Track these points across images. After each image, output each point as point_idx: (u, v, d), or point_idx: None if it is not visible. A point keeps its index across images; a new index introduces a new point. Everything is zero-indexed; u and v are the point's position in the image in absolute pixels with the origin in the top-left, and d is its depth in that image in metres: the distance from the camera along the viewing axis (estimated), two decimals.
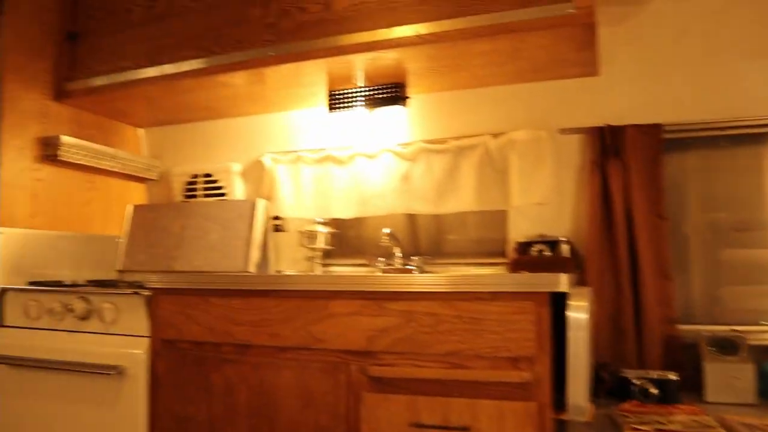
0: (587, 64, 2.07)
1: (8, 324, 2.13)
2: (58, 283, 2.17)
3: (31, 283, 2.18)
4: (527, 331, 1.44)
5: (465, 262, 2.30)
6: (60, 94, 2.43)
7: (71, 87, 2.43)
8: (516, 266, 2.07)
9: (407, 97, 2.28)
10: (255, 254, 2.38)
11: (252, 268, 2.35)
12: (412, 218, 2.43)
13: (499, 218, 2.29)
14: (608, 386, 1.79)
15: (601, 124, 2.09)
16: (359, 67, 2.12)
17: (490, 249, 2.30)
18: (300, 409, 1.64)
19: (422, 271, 2.27)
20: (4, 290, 2.13)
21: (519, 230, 2.21)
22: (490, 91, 2.30)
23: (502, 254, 2.25)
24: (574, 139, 2.18)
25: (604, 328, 1.95)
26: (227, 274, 1.79)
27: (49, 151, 2.35)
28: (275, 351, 1.70)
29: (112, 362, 1.88)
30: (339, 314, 1.62)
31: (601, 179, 2.04)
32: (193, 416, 1.78)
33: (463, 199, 2.26)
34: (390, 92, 2.25)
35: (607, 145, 2.06)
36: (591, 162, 2.08)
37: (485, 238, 2.33)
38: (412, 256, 2.32)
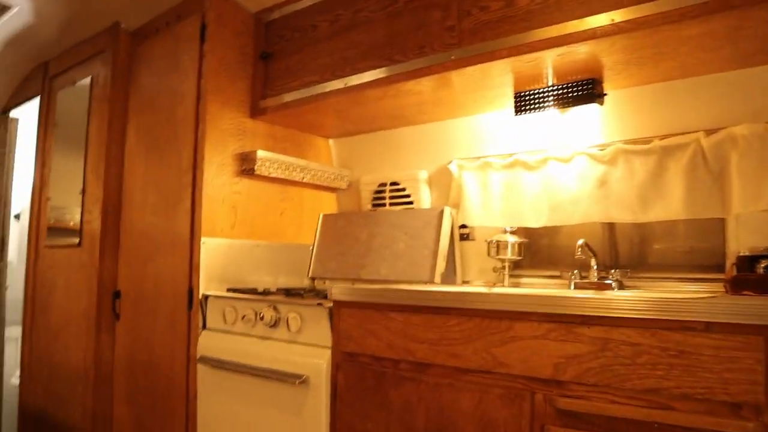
0: None
1: (210, 327, 2.29)
2: (253, 291, 2.29)
3: (230, 290, 2.33)
4: (753, 372, 1.19)
5: (673, 277, 2.02)
6: (255, 112, 2.58)
7: (265, 104, 2.56)
8: (737, 285, 1.75)
9: (603, 94, 2.06)
10: (441, 264, 2.31)
11: (438, 279, 2.29)
12: (610, 227, 2.19)
13: (715, 226, 1.97)
14: None
15: None
16: (548, 65, 1.95)
17: (703, 261, 1.99)
18: None
19: (621, 286, 2.03)
20: (207, 296, 2.30)
21: (741, 242, 1.89)
22: (702, 81, 1.98)
23: (719, 268, 1.93)
24: None
25: None
26: (406, 290, 1.74)
27: (246, 166, 2.50)
28: (455, 372, 1.61)
29: (296, 371, 1.92)
30: (524, 337, 1.48)
31: None
32: None
33: (671, 207, 1.98)
34: (583, 89, 2.04)
35: None
36: None
37: (697, 248, 2.02)
38: (611, 269, 2.09)
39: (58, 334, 3.10)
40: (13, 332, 3.95)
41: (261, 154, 2.49)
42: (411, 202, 2.64)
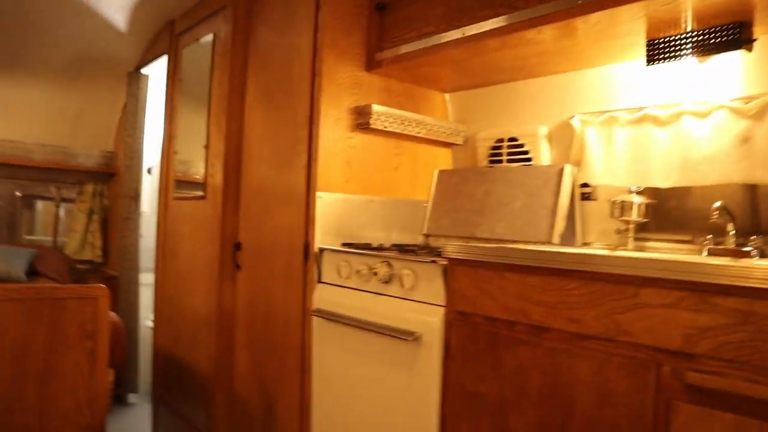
0: None
1: (324, 280, 2.33)
2: (367, 246, 2.30)
3: (344, 244, 2.35)
4: None
5: None
6: (370, 65, 2.55)
7: (380, 57, 2.52)
8: None
9: (752, 39, 1.84)
10: (560, 224, 2.21)
11: (556, 239, 2.19)
12: (750, 189, 1.98)
13: None
14: None
15: None
16: (687, 7, 1.77)
17: None
18: (597, 406, 1.46)
19: (763, 255, 1.85)
20: (322, 250, 2.34)
21: None
22: None
23: None
24: None
25: None
26: (523, 250, 1.67)
27: (361, 120, 2.48)
28: (573, 338, 1.53)
29: (409, 328, 1.91)
30: (651, 305, 1.38)
31: None
32: (483, 394, 1.72)
33: None
34: (728, 34, 1.84)
35: None
36: None
37: None
38: (750, 235, 1.90)
39: (185, 281, 3.29)
40: (148, 278, 4.25)
41: (376, 108, 2.47)
42: (529, 159, 2.53)
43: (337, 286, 2.27)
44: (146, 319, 4.37)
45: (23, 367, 2.43)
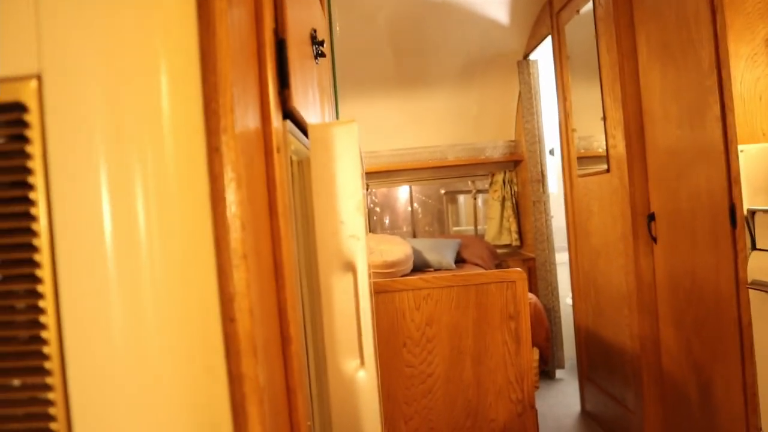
0: None
1: (761, 247, 1.98)
2: None
3: None
4: None
5: None
6: None
7: None
8: None
9: None
10: None
11: None
12: None
13: None
14: None
15: None
16: None
17: None
18: None
19: None
20: (753, 212, 2.00)
21: None
22: None
23: None
24: None
25: None
26: None
27: None
28: None
29: None
30: None
31: None
32: None
33: None
34: None
35: None
36: None
37: None
38: None
39: (599, 258, 3.22)
40: (563, 257, 4.33)
41: None
42: None
43: None
44: (566, 297, 4.44)
45: (459, 346, 2.71)
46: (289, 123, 1.07)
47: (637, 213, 2.74)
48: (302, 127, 1.23)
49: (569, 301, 4.06)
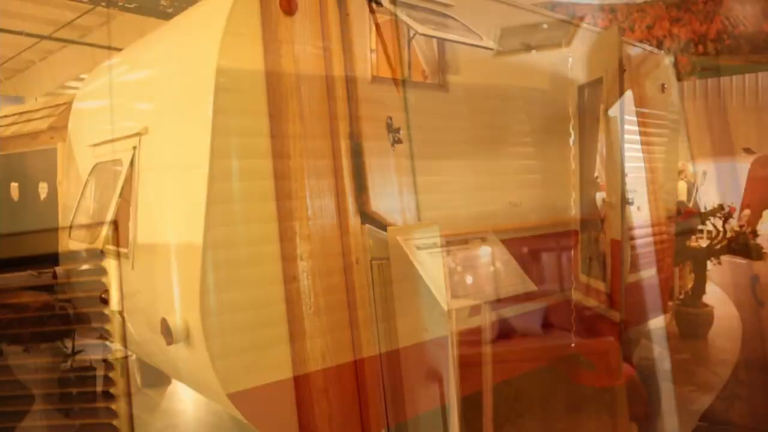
0: None
1: None
2: None
3: None
4: None
5: None
6: None
7: None
8: None
9: None
10: None
11: None
12: None
13: None
14: None
15: None
16: None
17: None
18: None
19: None
20: None
21: None
22: None
23: None
24: None
25: None
26: None
27: None
28: None
29: None
30: None
31: None
32: None
33: None
34: None
35: None
36: None
37: None
38: None
39: None
40: None
41: None
42: None
43: None
44: None
45: None
46: (367, 227, 1.05)
47: None
48: (382, 225, 1.20)
49: None
